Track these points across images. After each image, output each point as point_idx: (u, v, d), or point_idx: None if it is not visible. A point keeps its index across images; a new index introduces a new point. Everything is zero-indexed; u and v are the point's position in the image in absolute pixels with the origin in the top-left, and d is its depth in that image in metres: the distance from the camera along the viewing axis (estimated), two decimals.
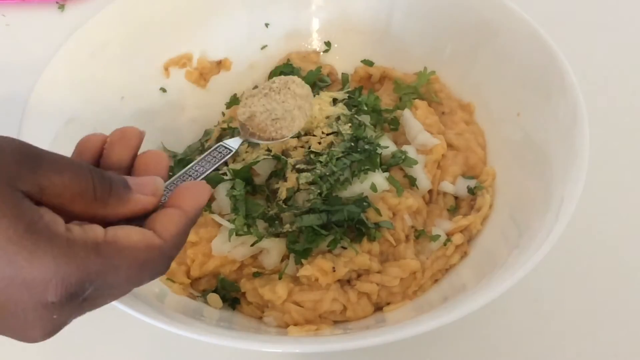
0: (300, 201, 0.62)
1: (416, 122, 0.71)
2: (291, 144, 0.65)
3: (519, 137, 0.69)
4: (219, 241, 0.62)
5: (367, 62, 0.79)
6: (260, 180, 0.65)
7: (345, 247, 0.61)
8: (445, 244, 0.64)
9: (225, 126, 0.72)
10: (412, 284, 0.62)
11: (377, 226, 0.62)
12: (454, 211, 0.69)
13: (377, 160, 0.65)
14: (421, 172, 0.68)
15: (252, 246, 0.62)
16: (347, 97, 0.71)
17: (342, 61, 0.81)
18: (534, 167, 0.64)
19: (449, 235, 0.65)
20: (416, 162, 0.67)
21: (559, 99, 0.64)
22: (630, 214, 0.71)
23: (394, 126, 0.72)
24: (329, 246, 0.61)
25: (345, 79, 0.79)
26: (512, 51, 0.70)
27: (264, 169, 0.65)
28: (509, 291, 0.51)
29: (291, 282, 0.61)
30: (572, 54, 0.66)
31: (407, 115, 0.71)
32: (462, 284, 0.62)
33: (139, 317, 0.51)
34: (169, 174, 0.42)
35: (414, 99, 0.74)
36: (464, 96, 0.76)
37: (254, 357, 0.62)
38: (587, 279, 0.66)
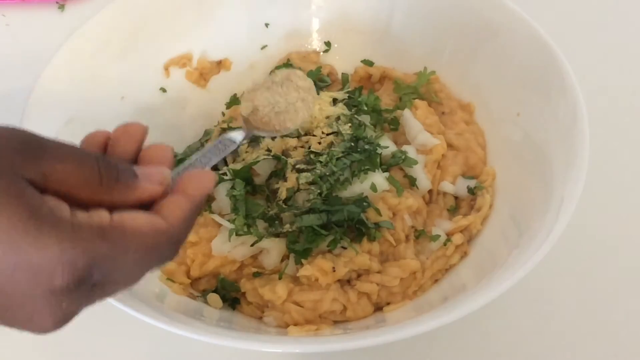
0: (300, 201, 0.62)
1: (416, 122, 0.71)
2: (291, 144, 0.65)
3: (519, 137, 0.69)
4: (219, 241, 0.62)
5: (367, 62, 0.79)
6: (260, 180, 0.65)
7: (345, 247, 0.61)
8: (445, 244, 0.64)
9: (225, 126, 0.72)
10: (412, 284, 0.62)
11: (377, 226, 0.62)
12: (454, 211, 0.69)
13: (377, 160, 0.65)
14: (421, 172, 0.68)
15: (252, 246, 0.62)
16: (347, 97, 0.71)
17: (342, 61, 0.81)
18: (534, 167, 0.64)
19: (449, 235, 0.65)
20: (416, 162, 0.67)
21: (559, 99, 0.64)
22: (630, 214, 0.71)
23: (394, 126, 0.72)
24: (329, 246, 0.61)
25: (345, 79, 0.79)
26: (512, 51, 0.70)
27: (264, 169, 0.65)
28: (509, 291, 0.51)
29: (291, 282, 0.61)
30: (572, 54, 0.66)
31: (407, 115, 0.72)
32: (462, 284, 0.62)
33: (139, 317, 0.51)
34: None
35: (414, 99, 0.74)
36: (464, 96, 0.76)
37: (254, 357, 0.62)
38: (587, 279, 0.66)
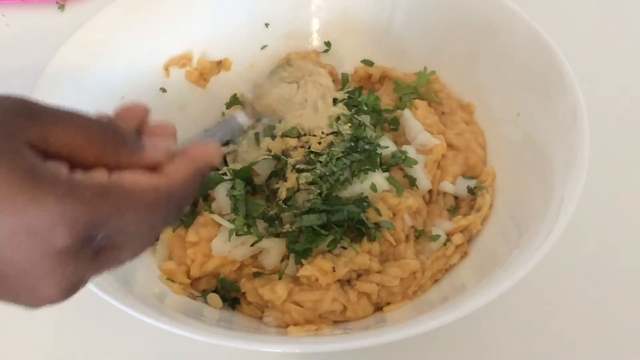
0: (300, 201, 0.62)
1: (416, 122, 0.71)
2: (291, 144, 0.65)
3: (519, 137, 0.69)
4: (219, 241, 0.62)
5: (367, 62, 0.79)
6: (260, 180, 0.65)
7: (345, 247, 0.61)
8: (445, 244, 0.64)
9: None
10: (412, 284, 0.62)
11: (377, 226, 0.62)
12: (454, 211, 0.69)
13: (377, 160, 0.65)
14: (421, 172, 0.68)
15: (252, 246, 0.62)
16: (347, 97, 0.71)
17: (342, 61, 0.81)
18: (534, 167, 0.64)
19: (449, 235, 0.65)
20: (416, 162, 0.67)
21: (559, 99, 0.64)
22: (630, 214, 0.71)
23: (394, 126, 0.72)
24: (329, 246, 0.61)
25: (345, 79, 0.79)
26: (513, 51, 0.70)
27: (264, 169, 0.65)
28: (509, 291, 0.51)
29: (291, 282, 0.61)
30: (572, 54, 0.66)
31: (407, 115, 0.71)
32: (462, 284, 0.62)
33: (139, 317, 0.51)
34: None
35: (414, 99, 0.74)
36: (464, 96, 0.76)
37: (254, 357, 0.62)
38: (587, 279, 0.66)
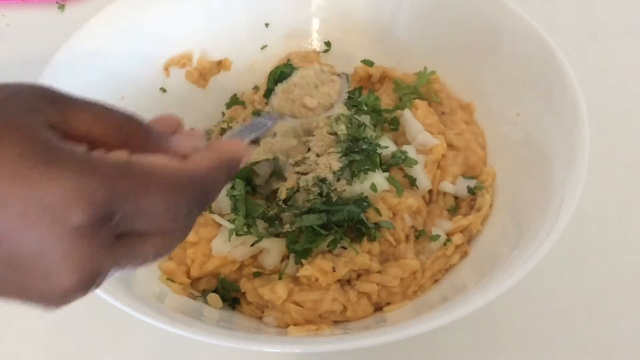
0: (300, 201, 0.62)
1: (416, 122, 0.71)
2: (291, 143, 0.65)
3: (519, 137, 0.69)
4: (219, 241, 0.62)
5: (367, 62, 0.79)
6: (260, 180, 0.65)
7: (345, 247, 0.61)
8: (445, 244, 0.64)
9: (225, 126, 0.72)
10: (412, 284, 0.62)
11: (377, 226, 0.62)
12: (454, 211, 0.69)
13: (377, 160, 0.65)
14: (421, 172, 0.68)
15: (252, 246, 0.62)
16: (347, 97, 0.71)
17: (342, 61, 0.81)
18: (534, 167, 0.64)
19: (449, 235, 0.65)
20: (416, 162, 0.67)
21: (559, 99, 0.64)
22: (630, 213, 0.71)
23: (394, 126, 0.72)
24: (329, 246, 0.61)
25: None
26: (513, 51, 0.70)
27: (264, 169, 0.65)
28: (509, 291, 0.51)
29: (291, 282, 0.61)
30: (572, 54, 0.66)
31: (407, 115, 0.71)
32: (462, 284, 0.62)
33: (139, 317, 0.51)
34: None
35: (414, 99, 0.74)
36: (464, 96, 0.76)
37: (254, 357, 0.62)
38: (587, 278, 0.66)
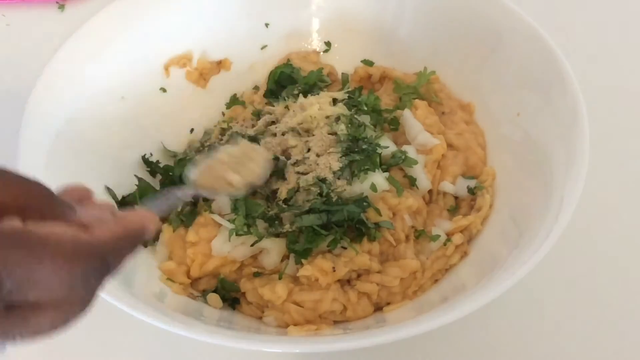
0: (300, 201, 0.62)
1: (416, 122, 0.71)
2: (291, 143, 0.65)
3: (519, 137, 0.69)
4: (219, 241, 0.62)
5: (367, 62, 0.79)
6: None
7: (345, 247, 0.61)
8: (445, 244, 0.64)
9: (225, 126, 0.72)
10: (412, 284, 0.62)
11: (377, 226, 0.62)
12: (454, 211, 0.69)
13: (377, 160, 0.65)
14: (421, 172, 0.68)
15: (252, 246, 0.62)
16: (347, 97, 0.71)
17: (342, 61, 0.82)
18: (534, 167, 0.64)
19: (449, 235, 0.65)
20: (416, 162, 0.67)
21: (559, 99, 0.64)
22: (630, 213, 0.71)
23: (394, 126, 0.72)
24: (329, 246, 0.61)
25: (345, 79, 0.79)
26: (513, 51, 0.70)
27: None
28: (509, 291, 0.51)
29: (291, 282, 0.61)
30: (572, 54, 0.66)
31: (407, 115, 0.71)
32: (462, 284, 0.62)
33: (139, 317, 0.51)
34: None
35: (414, 99, 0.74)
36: (464, 96, 0.76)
37: (254, 357, 0.62)
38: (587, 278, 0.66)
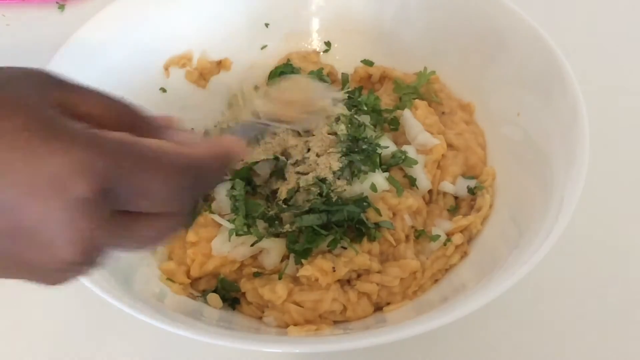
0: (300, 201, 0.62)
1: (416, 122, 0.71)
2: (291, 143, 0.65)
3: (519, 137, 0.69)
4: (219, 241, 0.62)
5: (367, 62, 0.79)
6: (260, 180, 0.65)
7: (345, 247, 0.61)
8: (445, 244, 0.64)
9: (225, 126, 0.72)
10: (412, 284, 0.62)
11: (377, 226, 0.62)
12: (454, 211, 0.69)
13: (377, 160, 0.65)
14: (421, 172, 0.68)
15: (252, 246, 0.62)
16: (347, 97, 0.71)
17: (342, 61, 0.81)
18: (534, 167, 0.64)
19: (449, 235, 0.65)
20: (416, 162, 0.67)
21: (559, 99, 0.64)
22: (630, 214, 0.71)
23: (394, 126, 0.72)
24: (329, 246, 0.61)
25: (345, 79, 0.79)
26: (513, 51, 0.70)
27: (264, 169, 0.65)
28: (509, 291, 0.51)
29: (291, 282, 0.61)
30: (572, 54, 0.66)
31: (407, 115, 0.71)
32: (462, 284, 0.62)
33: (139, 317, 0.51)
34: None
35: (414, 99, 0.74)
36: (464, 96, 0.76)
37: (254, 357, 0.62)
38: (587, 279, 0.66)
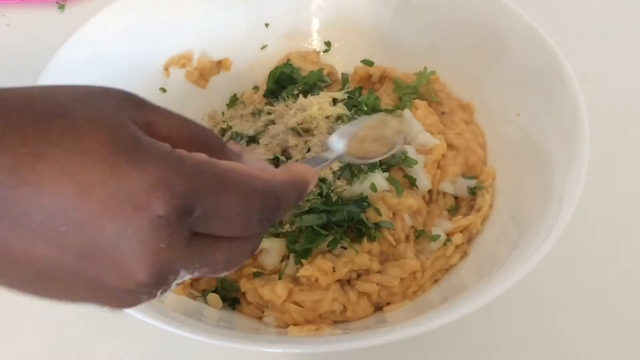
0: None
1: (416, 122, 0.71)
2: (291, 143, 0.65)
3: (519, 137, 0.69)
4: None
5: (367, 62, 0.79)
6: None
7: (345, 247, 0.61)
8: (445, 244, 0.64)
9: (225, 126, 0.72)
10: (412, 284, 0.62)
11: (377, 226, 0.62)
12: (454, 211, 0.69)
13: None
14: (421, 172, 0.68)
15: None
16: (347, 97, 0.71)
17: (342, 61, 0.81)
18: (534, 167, 0.64)
19: (449, 235, 0.65)
20: (416, 162, 0.67)
21: (559, 99, 0.64)
22: (630, 213, 0.71)
23: None
24: (329, 246, 0.61)
25: (345, 79, 0.79)
26: (513, 51, 0.70)
27: None
28: (509, 291, 0.51)
29: (291, 282, 0.61)
30: (572, 54, 0.66)
31: (407, 115, 0.71)
32: (462, 284, 0.62)
33: (139, 317, 0.51)
34: None
35: (414, 99, 0.74)
36: (464, 96, 0.76)
37: (254, 357, 0.62)
38: (587, 279, 0.66)
